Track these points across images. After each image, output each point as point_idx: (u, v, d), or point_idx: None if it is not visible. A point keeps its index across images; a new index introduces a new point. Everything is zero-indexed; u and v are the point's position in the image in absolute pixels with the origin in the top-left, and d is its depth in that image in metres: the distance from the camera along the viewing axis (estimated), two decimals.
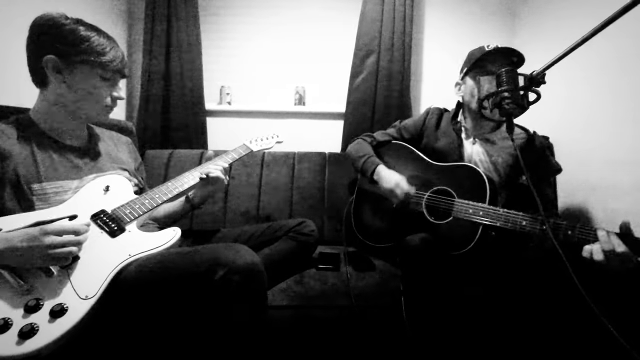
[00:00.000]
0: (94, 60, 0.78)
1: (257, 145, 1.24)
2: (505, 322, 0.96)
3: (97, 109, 0.85)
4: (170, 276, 0.73)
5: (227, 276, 0.69)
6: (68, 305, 0.66)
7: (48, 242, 0.66)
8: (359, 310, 0.98)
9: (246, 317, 0.72)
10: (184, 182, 0.98)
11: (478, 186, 1.05)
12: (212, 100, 1.87)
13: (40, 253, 0.66)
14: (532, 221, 0.92)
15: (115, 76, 0.85)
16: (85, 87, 0.81)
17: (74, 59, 0.77)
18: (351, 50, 1.76)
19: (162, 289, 0.73)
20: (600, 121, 1.25)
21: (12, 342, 0.60)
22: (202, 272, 0.70)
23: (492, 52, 1.08)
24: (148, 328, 0.77)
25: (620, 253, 0.75)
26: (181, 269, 0.73)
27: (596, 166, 1.24)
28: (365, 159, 1.25)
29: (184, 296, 0.73)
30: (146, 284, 0.73)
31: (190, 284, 0.71)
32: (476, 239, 1.00)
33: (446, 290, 0.94)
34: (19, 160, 0.76)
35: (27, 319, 0.63)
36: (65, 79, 0.79)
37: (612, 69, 1.20)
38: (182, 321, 0.75)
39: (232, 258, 0.71)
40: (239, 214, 1.53)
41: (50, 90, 0.80)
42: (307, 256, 1.19)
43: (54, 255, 0.66)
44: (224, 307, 0.70)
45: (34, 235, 0.66)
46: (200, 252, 0.75)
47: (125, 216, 0.84)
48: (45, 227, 0.67)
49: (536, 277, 0.98)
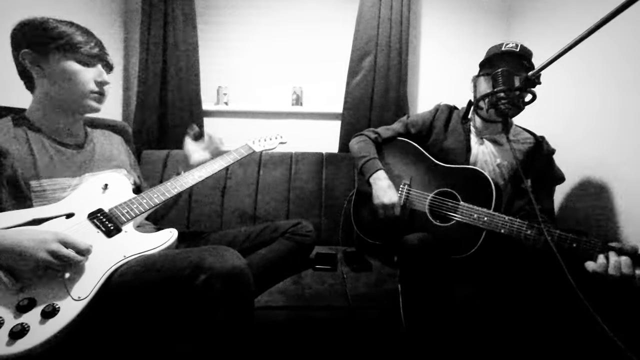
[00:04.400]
0: (65, 45, 0.80)
1: (260, 146, 1.23)
2: (501, 322, 0.96)
3: (80, 95, 0.84)
4: (154, 279, 0.72)
5: (209, 281, 0.68)
6: (60, 306, 0.65)
7: (54, 248, 0.66)
8: (356, 310, 0.98)
9: (229, 322, 0.71)
10: (183, 183, 0.97)
11: (484, 191, 1.03)
12: (210, 100, 1.86)
13: (40, 256, 0.65)
14: (537, 232, 0.91)
15: (93, 61, 0.84)
16: (64, 74, 0.81)
17: (47, 48, 0.79)
18: (348, 51, 1.76)
19: (145, 292, 0.72)
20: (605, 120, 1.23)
21: (3, 342, 0.59)
22: (184, 276, 0.69)
23: (505, 52, 1.04)
24: (134, 330, 0.76)
25: (626, 274, 0.75)
26: (164, 272, 0.72)
27: (598, 168, 1.23)
28: (366, 160, 1.22)
29: (167, 299, 0.72)
30: (131, 286, 0.72)
31: (173, 287, 0.70)
32: (478, 244, 1.00)
33: (443, 290, 0.93)
34: (17, 158, 0.76)
35: (19, 319, 0.62)
36: (45, 71, 0.80)
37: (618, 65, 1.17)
38: (166, 324, 0.74)
39: (214, 263, 0.69)
40: (236, 214, 1.52)
41: (37, 89, 0.82)
42: (304, 257, 1.18)
43: (49, 262, 0.66)
44: (205, 311, 0.68)
45: (45, 238, 0.66)
46: (184, 256, 0.73)
47: (122, 216, 0.83)
48: (59, 235, 0.68)
49: (531, 279, 0.98)
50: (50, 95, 0.82)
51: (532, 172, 1.12)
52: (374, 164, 1.20)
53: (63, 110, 0.85)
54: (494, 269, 1.06)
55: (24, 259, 0.65)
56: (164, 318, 0.74)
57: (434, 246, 0.94)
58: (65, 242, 0.68)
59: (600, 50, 1.21)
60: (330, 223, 1.52)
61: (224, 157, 1.09)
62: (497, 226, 0.97)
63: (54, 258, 0.66)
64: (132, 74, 1.82)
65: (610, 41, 1.17)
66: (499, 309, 0.97)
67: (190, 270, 0.69)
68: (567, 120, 1.39)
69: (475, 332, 0.96)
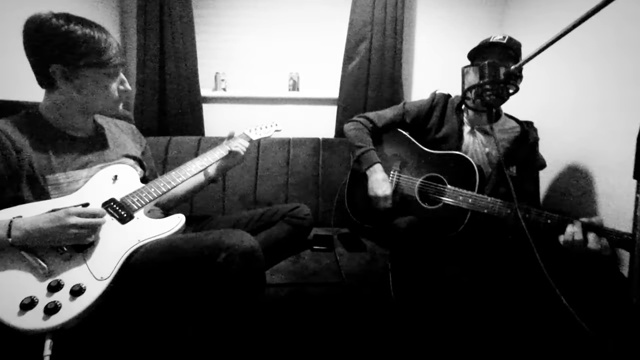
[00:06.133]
0: (97, 62, 0.82)
1: (257, 134, 1.28)
2: (482, 298, 1.06)
3: (107, 105, 0.90)
4: (177, 259, 0.80)
5: (229, 258, 0.76)
6: (86, 286, 0.73)
7: (72, 222, 0.73)
8: (349, 287, 1.07)
9: (246, 294, 0.80)
10: (187, 172, 1.03)
11: (468, 174, 1.11)
12: (207, 86, 1.89)
13: (64, 232, 0.73)
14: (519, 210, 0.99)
15: (117, 69, 0.88)
16: (94, 87, 0.84)
17: (78, 64, 0.80)
18: (344, 36, 1.78)
19: (169, 271, 0.81)
20: (584, 107, 1.29)
21: (39, 318, 0.67)
22: (206, 255, 0.78)
23: (493, 44, 1.10)
24: (156, 307, 0.85)
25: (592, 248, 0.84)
26: (187, 253, 0.80)
27: (580, 153, 1.30)
28: (364, 151, 1.27)
29: (189, 277, 0.81)
30: (155, 266, 0.81)
31: (195, 266, 0.79)
32: (464, 224, 1.08)
33: (430, 268, 1.02)
34: (33, 153, 0.81)
35: (51, 298, 0.70)
36: (74, 84, 0.82)
37: (595, 56, 1.24)
38: (188, 300, 0.83)
39: (233, 242, 0.78)
40: (237, 198, 1.59)
41: (59, 92, 0.84)
42: (303, 238, 1.27)
43: (77, 234, 0.74)
44: (226, 285, 0.78)
45: (59, 217, 0.73)
46: (204, 238, 0.82)
47: (133, 204, 0.90)
48: (69, 210, 0.74)
49: (512, 260, 1.07)
50: (75, 101, 0.85)
51: (517, 159, 1.19)
52: (372, 157, 1.26)
53: (81, 112, 0.89)
54: (480, 249, 1.14)
55: (49, 240, 0.73)
56: (184, 294, 0.84)
57: (421, 229, 1.02)
58: (77, 213, 0.75)
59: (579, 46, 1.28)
60: (328, 205, 1.60)
61: (222, 147, 1.15)
62: (481, 207, 1.05)
63: (78, 229, 0.74)
64: (131, 61, 1.83)
65: (590, 37, 1.23)
66: (483, 285, 1.07)
67: (211, 249, 0.78)
68: (549, 109, 1.46)
69: (458, 306, 1.05)
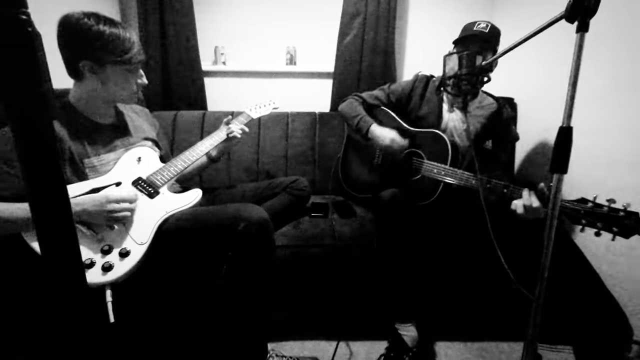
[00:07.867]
0: (121, 60, 0.93)
1: (257, 113, 1.41)
2: (454, 258, 1.27)
3: (126, 97, 1.02)
4: (203, 228, 0.99)
5: (247, 227, 0.95)
6: (130, 249, 0.92)
7: (110, 208, 0.90)
8: (342, 248, 1.28)
9: (261, 255, 1.00)
10: (199, 151, 1.18)
11: (442, 150, 1.27)
12: (208, 59, 1.96)
13: (104, 216, 0.90)
14: (479, 181, 1.16)
15: (137, 66, 1.00)
16: (117, 81, 0.97)
17: (105, 60, 0.92)
18: (340, 10, 1.83)
19: (195, 237, 1.00)
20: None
21: (99, 274, 0.87)
22: (227, 225, 0.96)
23: (474, 34, 1.21)
24: (185, 268, 1.06)
25: (535, 207, 1.01)
26: (211, 222, 0.98)
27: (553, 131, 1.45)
28: (359, 119, 1.41)
29: (212, 242, 1.00)
30: (183, 233, 0.99)
31: (219, 233, 0.97)
32: (437, 194, 1.26)
33: (410, 234, 1.21)
34: (70, 141, 0.95)
35: (104, 259, 0.89)
36: (100, 77, 0.94)
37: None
38: (212, 259, 1.03)
39: (250, 214, 0.96)
40: (242, 169, 1.75)
41: (86, 84, 0.96)
42: (302, 207, 1.45)
43: (115, 217, 0.91)
44: (245, 249, 0.97)
45: (101, 202, 0.89)
46: (224, 210, 1.00)
47: (157, 181, 1.06)
48: (109, 197, 0.90)
49: (479, 226, 1.26)
50: (98, 91, 0.97)
51: (493, 133, 1.34)
52: (367, 120, 1.40)
53: (104, 101, 1.01)
54: (453, 216, 1.34)
55: (94, 219, 0.90)
56: (209, 255, 1.03)
57: (402, 199, 1.20)
58: (116, 199, 0.92)
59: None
60: (324, 174, 1.77)
61: (222, 130, 1.28)
62: (453, 178, 1.22)
63: (118, 213, 0.91)
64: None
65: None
66: (455, 247, 1.27)
67: (232, 220, 0.96)
68: (533, 89, 1.58)
69: (433, 264, 1.27)
